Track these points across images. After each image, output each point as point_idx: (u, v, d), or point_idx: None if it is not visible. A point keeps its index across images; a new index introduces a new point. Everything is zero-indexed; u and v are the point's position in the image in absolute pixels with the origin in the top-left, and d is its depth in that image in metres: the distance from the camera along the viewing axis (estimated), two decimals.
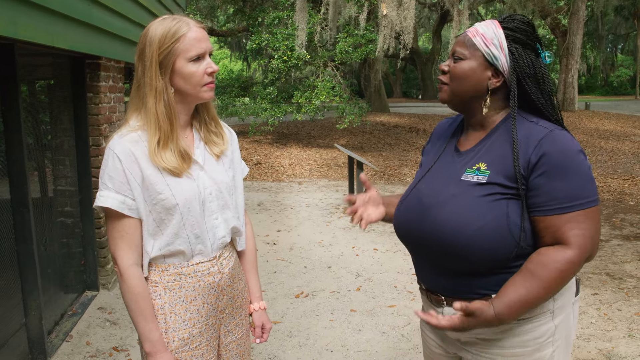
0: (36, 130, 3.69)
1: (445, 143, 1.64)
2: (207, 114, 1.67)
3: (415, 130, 15.74)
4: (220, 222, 1.64)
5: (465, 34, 1.51)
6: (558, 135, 1.39)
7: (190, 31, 1.51)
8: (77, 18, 3.34)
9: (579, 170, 1.37)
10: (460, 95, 1.50)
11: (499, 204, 1.39)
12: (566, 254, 1.34)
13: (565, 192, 1.35)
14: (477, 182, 1.43)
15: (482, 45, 1.45)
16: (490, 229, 1.37)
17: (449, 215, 1.42)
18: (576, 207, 1.35)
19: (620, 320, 3.69)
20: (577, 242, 1.34)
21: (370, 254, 5.21)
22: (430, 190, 1.52)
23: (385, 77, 31.36)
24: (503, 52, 1.44)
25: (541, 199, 1.37)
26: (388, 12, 11.96)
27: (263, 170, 10.28)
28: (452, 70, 1.50)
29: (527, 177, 1.38)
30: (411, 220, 1.53)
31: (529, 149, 1.38)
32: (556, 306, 1.45)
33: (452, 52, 1.53)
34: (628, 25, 32.63)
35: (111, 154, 1.50)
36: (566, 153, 1.37)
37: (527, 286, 1.34)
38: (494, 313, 1.34)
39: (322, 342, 3.45)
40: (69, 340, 3.45)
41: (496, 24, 1.48)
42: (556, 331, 1.45)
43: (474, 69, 1.47)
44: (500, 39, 1.45)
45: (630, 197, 7.53)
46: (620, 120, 17.74)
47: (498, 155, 1.44)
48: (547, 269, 1.34)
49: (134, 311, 1.52)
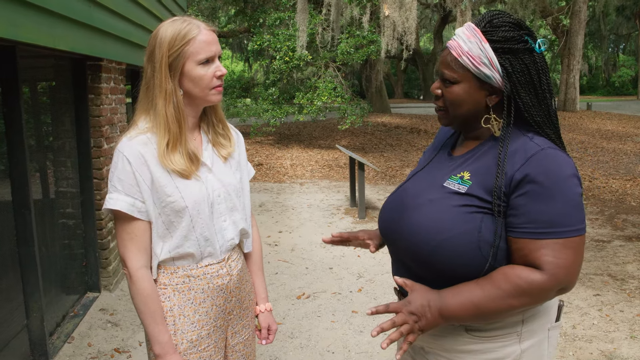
0: (38, 132, 3.70)
1: (440, 145, 1.61)
2: (214, 116, 1.66)
3: (417, 131, 15.73)
4: (229, 224, 1.64)
5: (448, 51, 1.38)
6: (549, 155, 1.28)
7: (201, 34, 1.50)
8: (78, 20, 3.35)
9: (565, 196, 1.26)
10: (461, 118, 1.42)
11: (472, 217, 1.31)
12: (532, 276, 1.26)
13: (545, 217, 1.26)
14: (456, 191, 1.36)
15: (470, 66, 1.34)
16: (457, 240, 1.31)
17: (423, 220, 1.38)
18: (554, 235, 1.25)
19: (622, 322, 3.69)
20: (550, 269, 1.25)
21: (372, 255, 5.21)
22: (414, 191, 1.49)
23: (387, 78, 31.38)
24: (495, 69, 1.33)
25: (519, 219, 1.28)
26: (390, 13, 11.96)
27: (264, 171, 10.28)
28: (446, 96, 1.40)
29: (509, 194, 1.29)
30: (391, 219, 1.50)
31: (515, 165, 1.29)
32: (524, 329, 1.37)
33: (440, 75, 1.42)
34: (630, 25, 32.60)
35: (120, 156, 1.50)
36: (553, 176, 1.26)
37: (484, 289, 1.28)
38: (438, 298, 1.32)
39: (323, 344, 3.45)
40: (70, 341, 3.46)
41: (479, 36, 1.34)
42: (522, 355, 1.37)
43: (468, 92, 1.37)
44: (489, 55, 1.33)
45: (632, 197, 7.52)
46: (622, 121, 17.72)
47: (483, 165, 1.37)
48: (507, 282, 1.27)
49: (143, 313, 1.53)
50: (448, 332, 1.41)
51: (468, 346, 1.39)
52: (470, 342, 1.38)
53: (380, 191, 8.37)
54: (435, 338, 1.45)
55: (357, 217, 6.69)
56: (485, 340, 1.37)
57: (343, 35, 12.41)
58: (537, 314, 1.39)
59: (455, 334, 1.40)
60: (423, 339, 1.49)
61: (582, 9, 18.89)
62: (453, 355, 1.42)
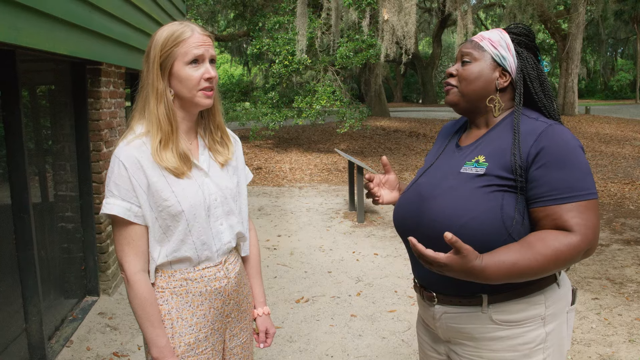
0: (37, 136, 3.70)
1: (447, 141, 1.67)
2: (212, 122, 1.67)
3: (416, 134, 15.75)
4: (226, 228, 1.65)
5: (471, 40, 1.56)
6: (557, 130, 1.41)
7: (193, 37, 1.53)
8: (78, 24, 3.35)
9: (578, 163, 1.38)
10: (469, 96, 1.53)
11: (494, 196, 1.39)
12: (568, 238, 1.33)
13: (566, 183, 1.36)
14: (475, 174, 1.44)
15: (490, 47, 1.51)
16: (482, 219, 1.38)
17: (444, 207, 1.43)
18: (577, 198, 1.36)
19: (621, 325, 3.69)
20: (580, 230, 1.34)
21: (371, 259, 5.21)
22: (429, 184, 1.54)
23: (386, 82, 31.41)
24: (510, 53, 1.50)
25: (541, 189, 1.37)
26: (389, 17, 12.00)
27: (263, 175, 10.29)
28: (461, 73, 1.53)
29: (527, 169, 1.39)
30: (409, 213, 1.54)
31: (529, 142, 1.40)
32: (548, 313, 1.45)
33: (459, 57, 1.56)
34: (628, 30, 32.72)
35: (117, 161, 1.51)
36: (565, 146, 1.38)
37: (522, 253, 1.32)
38: (481, 264, 1.31)
39: (322, 347, 3.45)
40: (69, 345, 3.45)
41: (500, 30, 1.54)
42: (547, 338, 1.45)
43: (483, 70, 1.51)
44: (507, 41, 1.51)
45: (631, 201, 7.53)
46: (620, 125, 17.75)
47: (497, 148, 1.45)
48: (545, 245, 1.32)
49: (141, 317, 1.53)
50: (474, 322, 1.46)
51: (495, 333, 1.44)
52: (497, 329, 1.44)
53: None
54: (462, 328, 1.49)
55: (356, 220, 6.70)
56: (512, 326, 1.44)
57: (342, 39, 12.43)
58: (557, 298, 1.47)
59: (481, 322, 1.45)
60: (448, 332, 1.53)
61: (581, 14, 18.95)
62: (481, 344, 1.47)
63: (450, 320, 1.51)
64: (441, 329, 1.55)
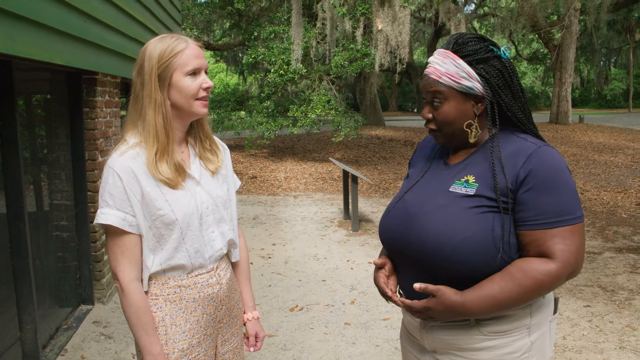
0: (32, 145, 3.72)
1: (433, 156, 1.67)
2: (202, 131, 1.71)
3: (411, 143, 15.81)
4: (217, 235, 1.68)
5: (428, 77, 1.50)
6: (546, 152, 1.42)
7: (188, 48, 1.57)
8: (73, 34, 3.38)
9: (566, 187, 1.40)
10: (454, 133, 1.52)
11: (485, 217, 1.41)
12: (548, 266, 1.37)
13: (553, 207, 1.38)
14: (465, 194, 1.45)
15: (452, 83, 1.46)
16: (474, 240, 1.39)
17: (436, 225, 1.44)
18: (563, 223, 1.38)
19: (612, 332, 3.72)
20: (562, 256, 1.37)
21: (365, 268, 5.23)
22: (417, 201, 1.54)
23: (381, 91, 31.55)
24: (474, 79, 1.46)
25: (529, 213, 1.39)
26: (383, 27, 12.08)
27: (258, 184, 10.31)
28: (437, 118, 1.51)
29: (515, 191, 1.40)
30: (397, 230, 1.54)
31: (518, 164, 1.41)
32: (533, 322, 1.47)
33: (427, 100, 1.53)
34: (621, 39, 32.97)
35: (111, 172, 1.53)
36: (554, 169, 1.40)
37: (502, 286, 1.36)
38: (460, 300, 1.37)
39: (316, 355, 3.46)
40: (63, 354, 3.46)
41: (451, 55, 1.47)
42: (532, 347, 1.47)
43: (457, 107, 1.48)
44: (466, 69, 1.45)
45: (623, 209, 7.59)
46: (613, 133, 17.87)
47: (486, 169, 1.46)
48: (526, 276, 1.36)
49: (135, 325, 1.55)
50: (462, 332, 1.48)
51: (482, 343, 1.46)
52: (484, 339, 1.46)
53: (373, 204, 8.40)
54: (449, 339, 1.50)
55: (350, 229, 6.72)
56: (499, 336, 1.46)
57: (337, 49, 12.50)
58: (541, 308, 1.49)
59: (469, 333, 1.47)
60: (435, 342, 1.55)
61: (574, 23, 19.10)
62: (468, 354, 1.49)
63: (437, 332, 1.52)
64: (427, 339, 1.56)
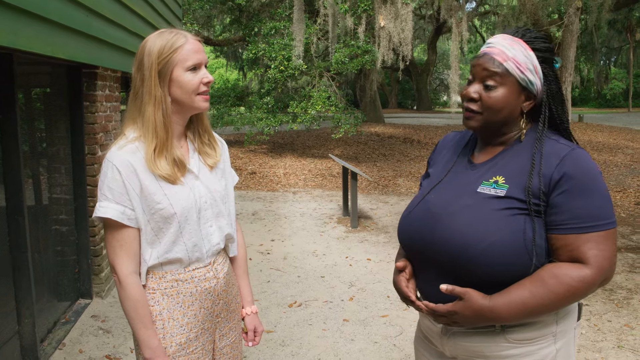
0: (32, 138, 3.71)
1: (456, 155, 1.60)
2: (200, 126, 1.71)
3: (410, 141, 15.81)
4: (215, 230, 1.68)
5: (491, 56, 1.42)
6: (580, 155, 1.37)
7: (188, 43, 1.56)
8: (76, 28, 3.38)
9: (601, 191, 1.35)
10: (494, 123, 1.45)
11: (516, 219, 1.35)
12: (582, 272, 1.32)
13: (588, 211, 1.33)
14: (494, 195, 1.39)
15: (516, 71, 1.40)
16: (504, 243, 1.33)
17: (461, 226, 1.38)
18: (598, 228, 1.33)
19: (610, 331, 3.73)
20: (596, 262, 1.32)
21: (364, 264, 5.23)
22: (440, 201, 1.48)
23: (381, 88, 31.52)
24: (538, 76, 1.42)
25: (562, 217, 1.34)
26: (385, 24, 12.05)
27: (258, 180, 10.31)
28: (485, 100, 1.42)
29: (548, 194, 1.35)
30: (419, 231, 1.48)
31: (552, 164, 1.36)
32: (559, 329, 1.43)
33: (480, 78, 1.44)
34: (621, 39, 32.98)
35: (110, 165, 1.54)
36: (589, 173, 1.35)
37: (533, 291, 1.31)
38: (489, 304, 1.32)
39: (314, 352, 3.47)
40: (61, 348, 3.46)
41: (523, 44, 1.42)
42: (557, 355, 1.43)
43: (510, 97, 1.42)
44: (534, 63, 1.41)
45: (622, 209, 7.60)
46: (613, 133, 17.88)
47: (517, 169, 1.41)
48: (558, 282, 1.31)
49: (133, 319, 1.56)
50: (486, 339, 1.43)
51: (508, 351, 1.42)
52: (509, 347, 1.41)
53: (373, 201, 8.40)
54: (472, 346, 1.46)
55: (349, 226, 6.73)
56: (524, 344, 1.41)
57: (338, 45, 12.48)
58: (567, 315, 1.45)
59: (494, 340, 1.42)
60: (456, 349, 1.50)
61: (574, 22, 19.07)
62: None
63: (460, 338, 1.47)
64: (448, 346, 1.51)
